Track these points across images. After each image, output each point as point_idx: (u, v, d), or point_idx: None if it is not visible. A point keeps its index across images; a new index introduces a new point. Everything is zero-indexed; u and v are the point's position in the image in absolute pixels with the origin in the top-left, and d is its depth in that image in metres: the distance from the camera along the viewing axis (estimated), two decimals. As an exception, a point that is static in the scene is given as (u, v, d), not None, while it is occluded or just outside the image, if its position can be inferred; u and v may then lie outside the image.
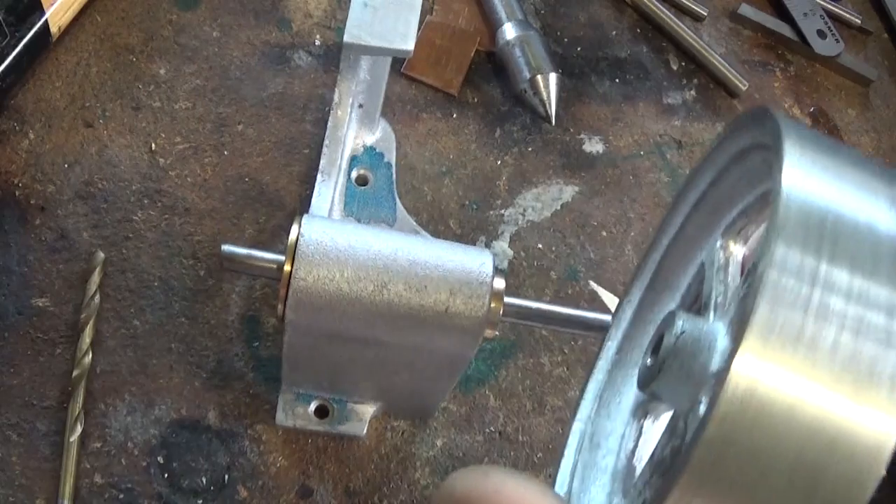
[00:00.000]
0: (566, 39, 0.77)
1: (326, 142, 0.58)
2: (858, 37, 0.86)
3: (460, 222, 0.66)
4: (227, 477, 0.54)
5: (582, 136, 0.72)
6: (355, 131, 0.63)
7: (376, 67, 0.59)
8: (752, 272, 0.26)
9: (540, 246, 0.66)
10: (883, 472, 0.23)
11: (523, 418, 0.60)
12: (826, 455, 0.24)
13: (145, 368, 0.56)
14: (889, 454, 0.24)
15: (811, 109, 0.80)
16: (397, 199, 0.62)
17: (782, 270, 0.24)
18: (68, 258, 0.58)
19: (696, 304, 0.38)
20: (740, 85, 0.77)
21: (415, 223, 0.61)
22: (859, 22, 0.85)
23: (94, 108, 0.64)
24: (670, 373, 0.32)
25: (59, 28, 0.63)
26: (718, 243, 0.38)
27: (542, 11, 0.78)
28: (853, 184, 0.27)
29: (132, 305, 0.58)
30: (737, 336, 0.24)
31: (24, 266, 0.58)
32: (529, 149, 0.70)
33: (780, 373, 0.24)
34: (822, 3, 0.84)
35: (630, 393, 0.41)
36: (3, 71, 0.58)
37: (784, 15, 0.83)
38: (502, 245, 0.66)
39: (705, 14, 0.81)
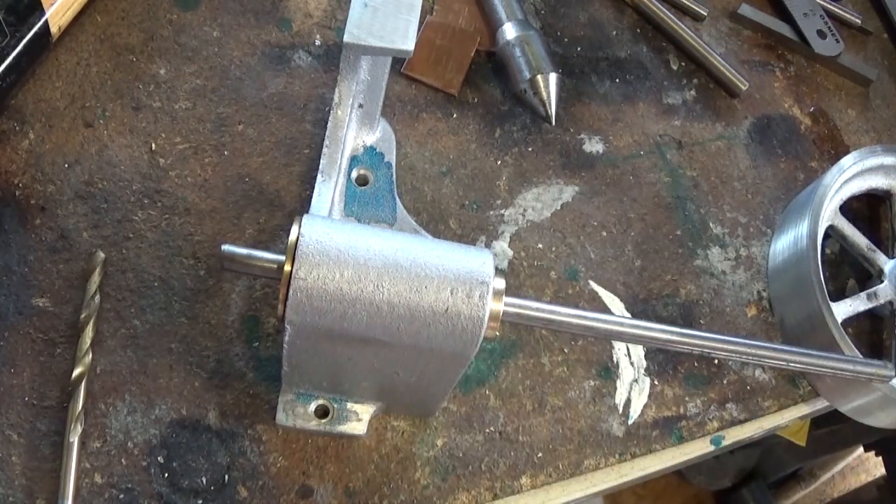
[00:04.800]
0: (566, 39, 0.77)
1: (326, 142, 0.58)
2: (858, 37, 0.86)
3: (460, 222, 0.66)
4: (227, 477, 0.54)
5: (582, 136, 0.72)
6: (355, 131, 0.63)
7: (376, 67, 0.59)
8: None
9: (540, 246, 0.66)
10: None
11: (523, 418, 0.60)
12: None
13: (145, 368, 0.56)
14: None
15: (811, 109, 0.80)
16: (397, 199, 0.62)
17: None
18: (68, 258, 0.58)
19: None
20: (740, 85, 0.77)
21: (415, 223, 0.61)
22: (859, 22, 0.85)
23: (94, 108, 0.64)
24: None
25: (59, 28, 0.63)
26: None
27: (542, 11, 0.78)
28: None
29: (132, 305, 0.58)
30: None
31: (24, 266, 0.58)
32: (529, 149, 0.70)
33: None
34: (822, 3, 0.84)
35: None
36: (3, 71, 0.58)
37: (784, 15, 0.83)
38: (502, 245, 0.66)
39: (705, 14, 0.81)
